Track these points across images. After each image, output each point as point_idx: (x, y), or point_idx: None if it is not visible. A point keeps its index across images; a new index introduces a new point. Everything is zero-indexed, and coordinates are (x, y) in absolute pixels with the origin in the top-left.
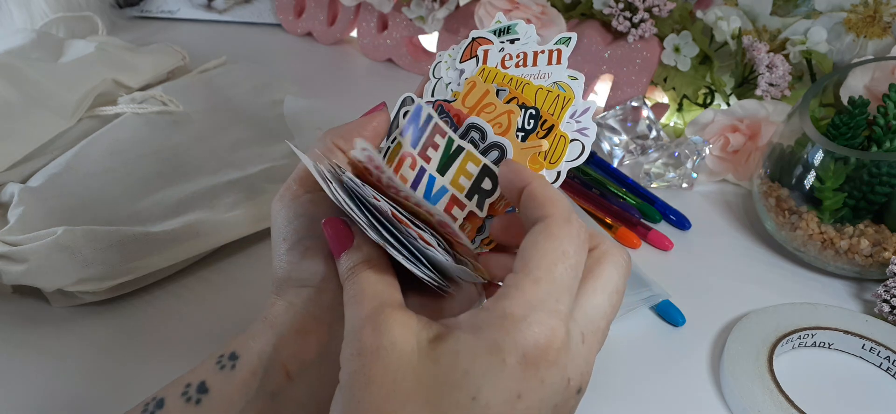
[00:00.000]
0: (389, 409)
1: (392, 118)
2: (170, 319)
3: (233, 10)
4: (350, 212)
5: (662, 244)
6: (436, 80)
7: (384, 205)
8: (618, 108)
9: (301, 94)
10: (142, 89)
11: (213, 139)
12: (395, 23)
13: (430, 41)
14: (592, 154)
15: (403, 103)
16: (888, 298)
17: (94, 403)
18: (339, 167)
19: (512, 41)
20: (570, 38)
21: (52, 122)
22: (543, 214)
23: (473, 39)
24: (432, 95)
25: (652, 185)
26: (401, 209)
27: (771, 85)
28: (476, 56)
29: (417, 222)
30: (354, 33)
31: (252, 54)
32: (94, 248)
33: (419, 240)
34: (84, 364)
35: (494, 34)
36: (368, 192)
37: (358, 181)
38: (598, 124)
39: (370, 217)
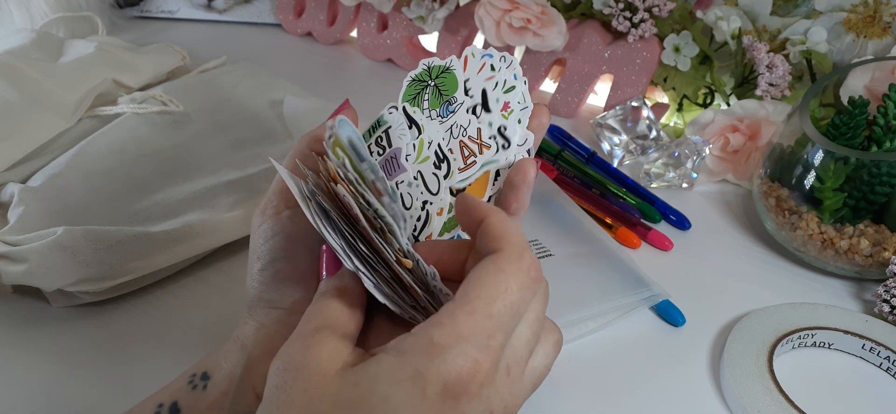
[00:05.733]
0: None
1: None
2: (170, 319)
3: (233, 10)
4: (326, 235)
5: (662, 244)
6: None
7: (357, 213)
8: (618, 108)
9: (301, 94)
10: (142, 89)
11: (213, 139)
12: (395, 23)
13: (430, 41)
14: (592, 154)
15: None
16: (888, 298)
17: (94, 403)
18: (321, 184)
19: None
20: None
21: (52, 122)
22: (496, 248)
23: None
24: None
25: (652, 186)
26: (370, 229)
27: (771, 85)
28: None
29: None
30: (354, 33)
31: (252, 54)
32: (94, 248)
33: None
34: (84, 364)
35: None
36: (335, 216)
37: (328, 206)
38: (599, 124)
39: (343, 242)
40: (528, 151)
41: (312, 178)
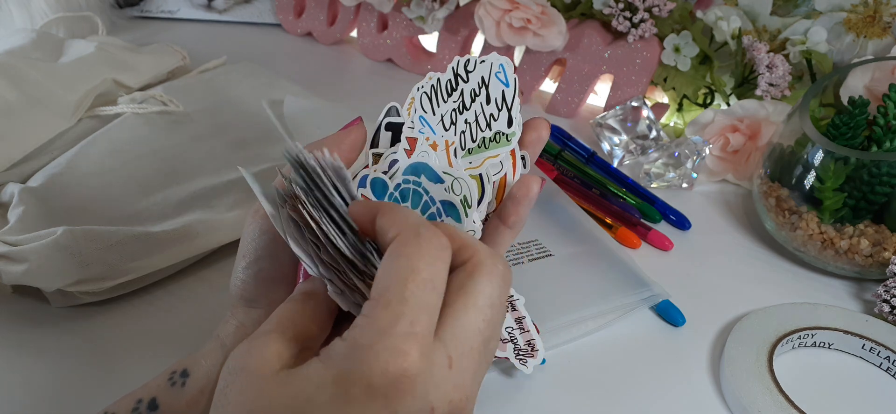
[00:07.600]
0: None
1: (377, 126)
2: (170, 319)
3: (233, 10)
4: (291, 243)
5: (662, 244)
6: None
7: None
8: (618, 108)
9: (301, 94)
10: (142, 89)
11: (213, 139)
12: (395, 23)
13: (430, 41)
14: (592, 154)
15: (387, 113)
16: (888, 298)
17: (94, 403)
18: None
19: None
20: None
21: (52, 122)
22: (393, 235)
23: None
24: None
25: (652, 186)
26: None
27: (771, 85)
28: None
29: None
30: (354, 33)
31: (252, 54)
32: (94, 248)
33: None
34: (84, 364)
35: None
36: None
37: (296, 217)
38: (599, 124)
39: (310, 250)
40: (524, 162)
41: (288, 185)
